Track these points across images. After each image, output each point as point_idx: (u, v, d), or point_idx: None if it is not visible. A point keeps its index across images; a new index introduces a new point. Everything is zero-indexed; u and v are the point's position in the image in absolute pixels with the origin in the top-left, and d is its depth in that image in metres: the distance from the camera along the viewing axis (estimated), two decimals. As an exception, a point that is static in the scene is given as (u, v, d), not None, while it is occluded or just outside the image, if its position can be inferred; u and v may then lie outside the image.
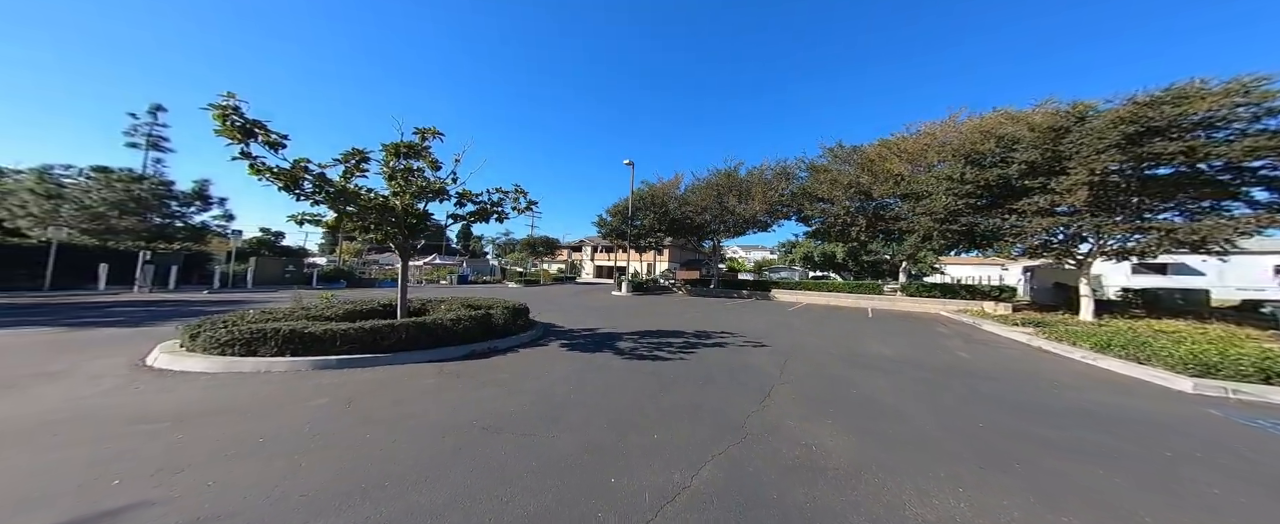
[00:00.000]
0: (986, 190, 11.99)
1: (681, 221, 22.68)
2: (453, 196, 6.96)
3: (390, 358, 4.85)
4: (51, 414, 2.86)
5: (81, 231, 18.81)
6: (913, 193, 14.32)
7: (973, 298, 15.82)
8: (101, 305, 10.85)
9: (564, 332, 8.36)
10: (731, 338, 8.17)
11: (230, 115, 4.18)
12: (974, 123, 13.45)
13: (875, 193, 16.01)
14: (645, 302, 17.31)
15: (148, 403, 3.12)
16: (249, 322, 4.47)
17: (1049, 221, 10.91)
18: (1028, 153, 10.93)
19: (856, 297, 18.00)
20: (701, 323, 10.48)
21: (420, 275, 29.68)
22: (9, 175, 20.16)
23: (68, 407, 3.03)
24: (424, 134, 6.22)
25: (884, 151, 15.80)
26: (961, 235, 13.60)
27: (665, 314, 12.45)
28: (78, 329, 6.92)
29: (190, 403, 3.17)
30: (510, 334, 6.74)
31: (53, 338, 6.06)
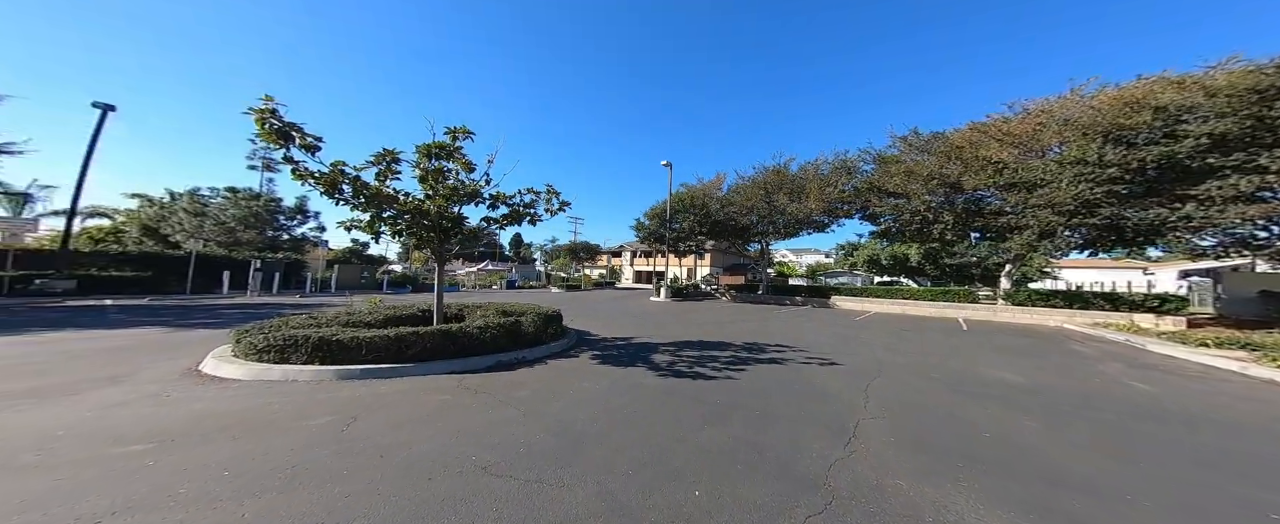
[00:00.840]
0: (1138, 174, 9.50)
1: (724, 223, 21.35)
2: (486, 199, 6.76)
3: (413, 368, 4.57)
4: (58, 429, 2.78)
5: (217, 243, 22.77)
6: (1021, 182, 11.84)
7: (1113, 308, 12.75)
8: (215, 307, 12.50)
9: (597, 341, 7.78)
10: (790, 353, 7.01)
11: (268, 119, 4.20)
12: (1112, 94, 10.87)
13: (966, 185, 13.56)
14: (685, 308, 16.34)
15: (155, 418, 2.99)
16: (285, 328, 4.45)
17: (1258, 210, 8.25)
18: (1212, 124, 8.50)
19: (941, 305, 15.43)
20: (751, 333, 9.35)
21: (475, 280, 31.38)
22: (178, 199, 25.08)
23: (83, 419, 2.97)
24: (455, 134, 6.07)
25: (977, 136, 13.36)
26: (1102, 231, 10.89)
27: (708, 322, 11.43)
28: (183, 330, 7.77)
29: (194, 419, 3.00)
30: (540, 343, 6.29)
31: (156, 338, 6.76)
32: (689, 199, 21.78)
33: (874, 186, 16.28)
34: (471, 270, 35.15)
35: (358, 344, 4.39)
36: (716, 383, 4.77)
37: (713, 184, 22.41)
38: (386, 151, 5.29)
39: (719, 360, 6.15)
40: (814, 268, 40.64)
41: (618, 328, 9.71)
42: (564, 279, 32.43)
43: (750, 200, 19.37)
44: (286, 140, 4.41)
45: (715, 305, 18.32)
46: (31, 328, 7.56)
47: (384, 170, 5.45)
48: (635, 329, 9.58)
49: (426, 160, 5.85)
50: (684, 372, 5.31)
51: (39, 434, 2.62)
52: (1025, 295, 14.42)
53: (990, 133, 13.03)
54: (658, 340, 7.96)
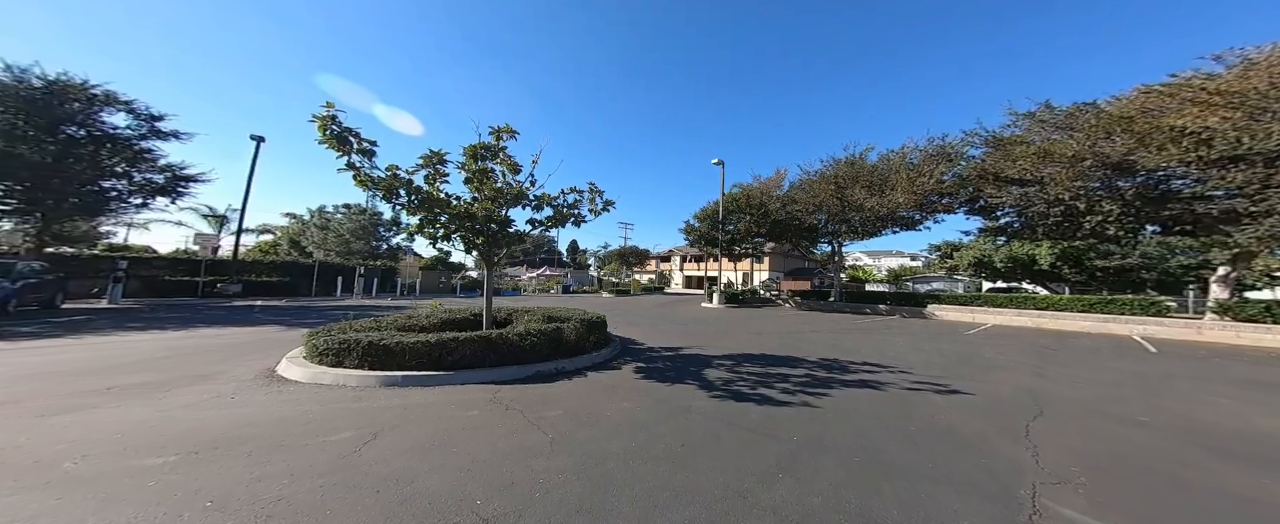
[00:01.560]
0: None
1: (786, 224, 19.36)
2: (531, 201, 6.61)
3: (452, 377, 4.40)
4: (117, 431, 2.87)
5: (335, 253, 27.58)
6: (1254, 154, 8.55)
7: None
8: (325, 308, 14.65)
9: (642, 351, 7.15)
10: (887, 374, 5.66)
11: (329, 125, 4.40)
12: None
13: (1142, 164, 10.23)
14: (742, 315, 14.95)
15: (203, 425, 3.05)
16: (343, 333, 4.60)
17: None
18: None
19: (1098, 318, 11.98)
20: (827, 347, 7.94)
21: (536, 285, 33.16)
22: (312, 216, 31.16)
23: (145, 421, 3.09)
24: (499, 133, 5.98)
25: (1158, 102, 9.98)
26: None
27: (771, 332, 10.11)
28: (294, 328, 8.97)
29: (232, 427, 2.99)
30: (581, 352, 5.86)
31: (271, 335, 7.78)
32: (744, 199, 20.21)
33: (987, 174, 13.23)
34: (533, 275, 37.30)
35: (402, 349, 4.35)
36: (790, 412, 3.82)
37: (772, 181, 20.53)
38: (433, 153, 5.34)
39: (790, 380, 5.09)
40: (897, 272, 35.26)
41: (666, 336, 8.99)
42: (615, 284, 32.69)
43: (818, 197, 17.24)
44: (345, 145, 4.60)
45: (777, 313, 16.57)
46: (197, 323, 9.36)
47: (432, 173, 5.53)
48: (685, 338, 8.76)
49: (473, 162, 5.83)
50: (745, 393, 4.42)
51: (98, 437, 2.74)
52: (1260, 309, 10.23)
53: (1183, 95, 9.59)
54: (711, 352, 7.07)
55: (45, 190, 12.39)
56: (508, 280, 34.66)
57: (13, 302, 9.99)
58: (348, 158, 4.89)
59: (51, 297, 11.83)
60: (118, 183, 14.17)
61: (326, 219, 29.14)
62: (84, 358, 5.22)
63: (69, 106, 12.25)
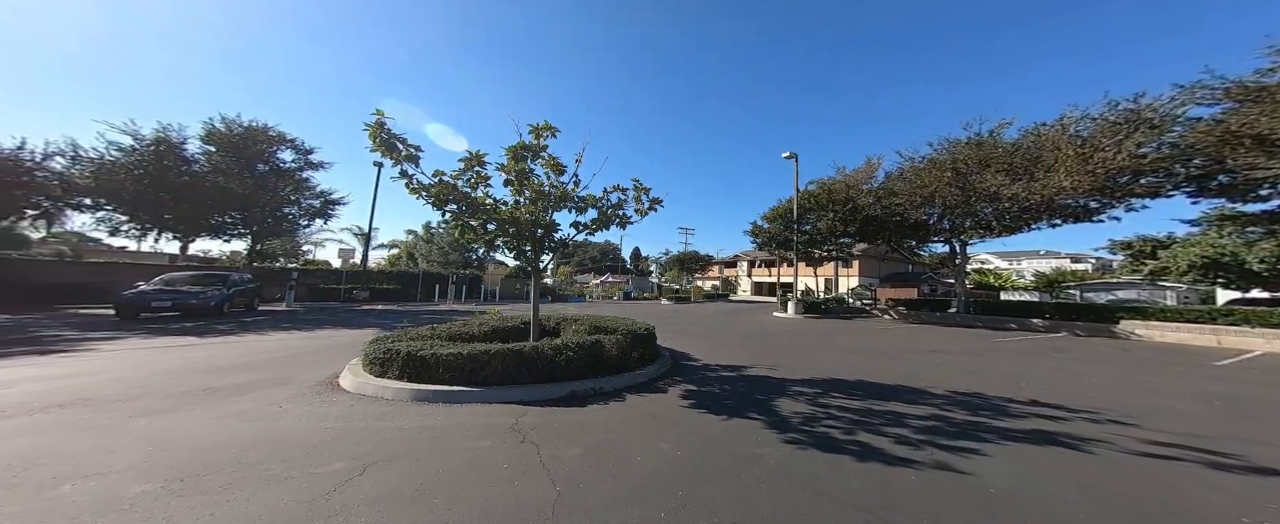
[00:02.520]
0: None
1: (882, 221, 16.14)
2: (574, 202, 6.23)
3: (481, 394, 4.10)
4: (151, 443, 2.85)
5: (437, 263, 32.38)
6: None
7: None
8: (419, 312, 16.66)
9: (697, 369, 6.16)
10: (1083, 424, 3.90)
11: (379, 132, 4.56)
12: None
13: None
14: (825, 328, 12.66)
15: (235, 439, 3.02)
16: (390, 342, 4.67)
17: None
18: None
19: None
20: (959, 375, 5.97)
21: (601, 292, 34.01)
22: (423, 231, 37.32)
23: (188, 434, 3.06)
24: (539, 131, 5.70)
25: None
26: None
27: (868, 350, 8.12)
28: (386, 332, 10.14)
29: (251, 447, 2.89)
30: (624, 370, 5.16)
31: (360, 339, 8.47)
32: (825, 194, 17.48)
33: (1237, 137, 9.00)
34: (598, 281, 38.43)
35: (437, 362, 4.20)
36: (919, 478, 2.61)
37: (862, 172, 17.40)
38: (473, 155, 5.24)
39: (909, 423, 3.68)
40: (1050, 277, 26.89)
41: (727, 351, 7.79)
42: (675, 291, 31.57)
43: (928, 187, 13.93)
44: (393, 151, 4.73)
45: (874, 326, 13.73)
46: (325, 325, 11.19)
47: (474, 177, 5.45)
48: (751, 355, 7.45)
49: (514, 163, 5.64)
50: (839, 440, 3.22)
51: (133, 452, 2.78)
52: None
53: None
54: (785, 374, 5.75)
55: (252, 218, 16.67)
56: (577, 286, 36.26)
57: (226, 304, 13.41)
58: (400, 166, 5.05)
59: (251, 300, 15.65)
60: (292, 209, 18.48)
61: (432, 234, 34.44)
62: (220, 355, 6.23)
63: (258, 147, 16.31)
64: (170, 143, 14.69)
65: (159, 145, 14.41)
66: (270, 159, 16.78)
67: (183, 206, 15.02)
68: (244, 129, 16.01)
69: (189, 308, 12.02)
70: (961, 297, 15.35)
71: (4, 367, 5.08)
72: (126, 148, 14.20)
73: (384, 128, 4.69)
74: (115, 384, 4.34)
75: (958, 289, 15.63)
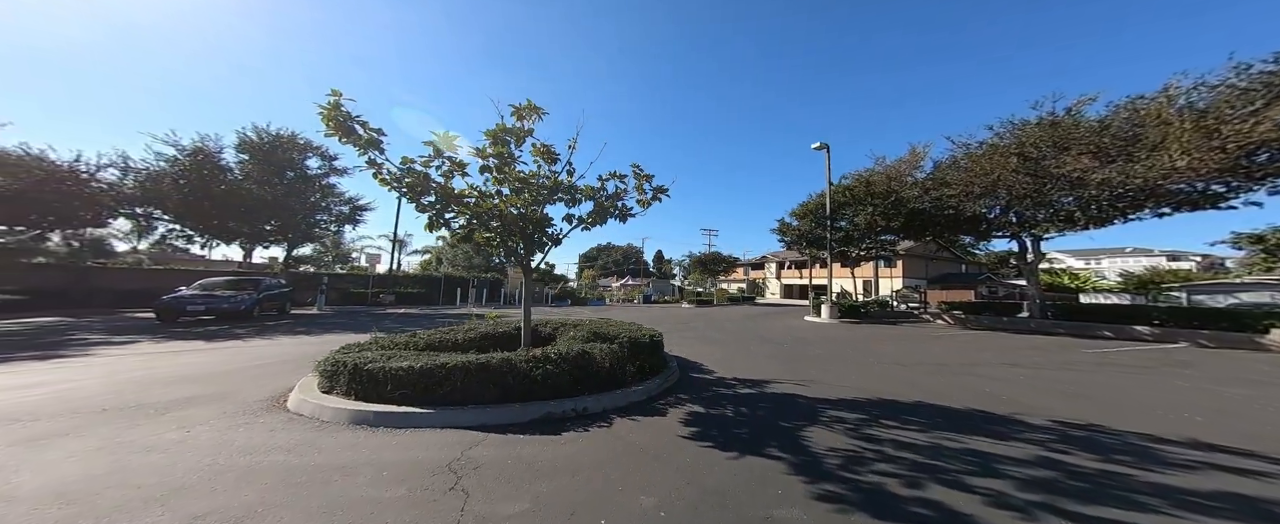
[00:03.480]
0: None
1: (931, 216, 14.28)
2: (566, 193, 5.51)
3: (431, 417, 3.40)
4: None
5: (462, 267, 33.17)
6: None
7: None
8: (434, 315, 16.70)
9: (708, 383, 5.19)
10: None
11: (335, 114, 4.03)
12: None
13: None
14: (866, 334, 11.16)
15: (98, 472, 2.46)
16: (346, 352, 4.08)
17: None
18: None
19: None
20: (1059, 397, 4.68)
21: (622, 295, 33.39)
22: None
23: (41, 470, 2.52)
24: (522, 112, 5.02)
25: None
26: None
27: (924, 363, 6.78)
28: (397, 332, 9.87)
29: (108, 487, 2.35)
30: (618, 385, 4.33)
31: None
32: (863, 187, 15.82)
33: None
34: (618, 284, 37.85)
35: (385, 377, 3.56)
36: None
37: (906, 162, 15.61)
38: (444, 137, 4.62)
39: (1005, 470, 2.64)
40: (1144, 278, 22.95)
41: (748, 362, 6.72)
42: (697, 294, 30.21)
43: (988, 175, 12.02)
44: (351, 135, 4.19)
45: (925, 332, 12.01)
46: (336, 329, 11.11)
47: (449, 165, 4.84)
48: (777, 366, 6.36)
49: (494, 148, 4.99)
50: (898, 497, 2.30)
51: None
52: None
53: None
54: (817, 393, 4.68)
55: (288, 225, 17.50)
56: (600, 290, 35.86)
57: (256, 308, 13.94)
58: (368, 155, 4.54)
59: (283, 304, 16.30)
60: (322, 215, 19.31)
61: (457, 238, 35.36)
62: (201, 363, 5.79)
63: (286, 155, 17.09)
64: (207, 152, 15.68)
65: (197, 155, 15.40)
66: (298, 166, 17.57)
67: (225, 214, 15.96)
68: (273, 137, 16.84)
69: (222, 312, 12.50)
70: (1037, 299, 13.08)
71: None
72: (169, 158, 15.27)
73: (340, 109, 4.18)
74: (56, 398, 3.96)
75: (1029, 291, 13.39)
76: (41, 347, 6.96)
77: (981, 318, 13.71)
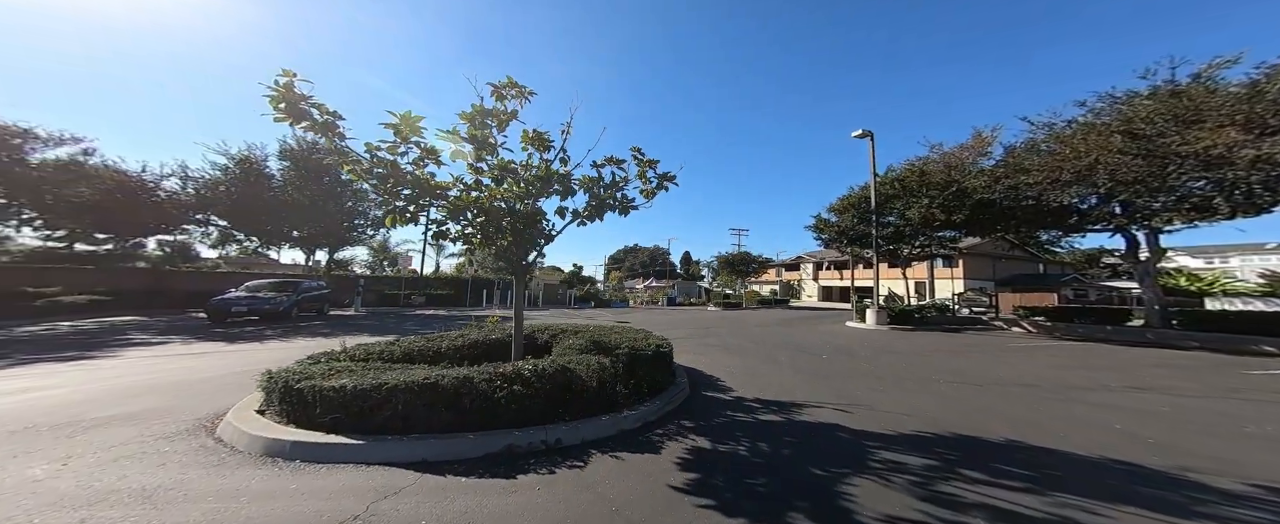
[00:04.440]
0: None
1: (1004, 208, 12.20)
2: (558, 185, 4.84)
3: (362, 448, 2.77)
4: None
5: (490, 269, 34.01)
6: None
7: None
8: (452, 317, 16.78)
9: (724, 405, 4.26)
10: None
11: (287, 96, 3.57)
12: None
13: None
14: (925, 345, 9.55)
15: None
16: (289, 369, 3.43)
17: None
18: None
19: None
20: (1251, 444, 3.14)
21: (647, 296, 32.59)
22: None
23: None
24: (503, 91, 4.39)
25: None
26: None
27: (1010, 384, 5.36)
28: (397, 336, 9.61)
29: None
30: (607, 408, 3.54)
31: None
32: (916, 179, 13.96)
33: None
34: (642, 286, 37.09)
35: (314, 398, 2.98)
36: None
37: (969, 148, 13.65)
38: (404, 118, 4.05)
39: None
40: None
41: (774, 377, 5.64)
42: (725, 296, 28.59)
43: (1085, 155, 9.95)
44: (303, 117, 3.70)
45: (999, 343, 10.14)
46: (355, 331, 11.30)
47: (422, 152, 4.29)
48: (810, 384, 5.26)
49: (473, 130, 4.38)
50: None
51: None
52: None
53: None
54: (863, 423, 3.63)
55: (326, 228, 18.54)
56: (625, 292, 35.32)
57: (294, 309, 14.70)
58: (337, 147, 4.10)
59: (322, 305, 17.18)
60: (359, 220, 20.33)
61: (483, 239, 36.34)
62: (191, 369, 5.56)
63: (322, 160, 18.02)
64: (253, 160, 16.90)
65: (244, 163, 16.63)
66: (333, 171, 18.55)
67: (274, 219, 17.15)
68: (310, 144, 17.85)
69: (263, 312, 13.20)
70: (1154, 304, 10.67)
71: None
72: (221, 166, 16.62)
73: (293, 91, 3.73)
74: (12, 410, 3.73)
75: (1146, 295, 10.91)
76: (79, 347, 7.34)
77: (1074, 326, 11.35)
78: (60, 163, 14.68)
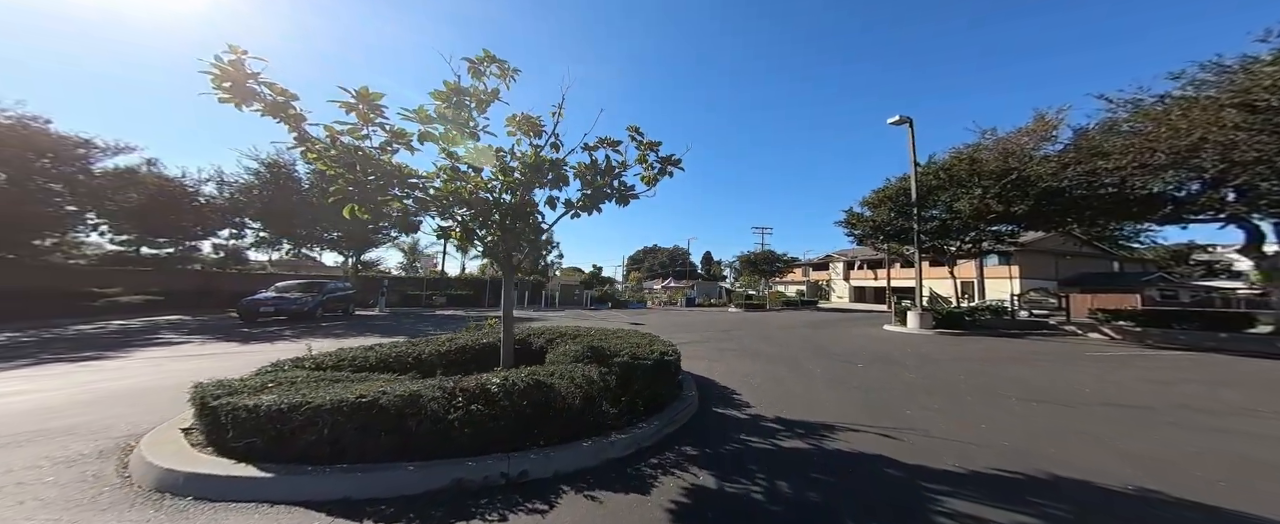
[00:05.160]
0: None
1: (1080, 196, 10.53)
2: (548, 173, 4.28)
3: (265, 484, 2.24)
4: None
5: None
6: None
7: None
8: (463, 317, 16.41)
9: (737, 426, 3.54)
10: None
11: (233, 74, 3.15)
12: None
13: None
14: (984, 353, 8.27)
15: None
16: (211, 384, 2.88)
17: None
18: None
19: None
20: None
21: (667, 296, 31.80)
22: None
23: None
24: (480, 68, 3.85)
25: None
26: None
27: (1104, 404, 4.24)
28: (408, 337, 9.36)
29: None
30: (593, 431, 2.91)
31: None
32: (965, 167, 12.38)
33: None
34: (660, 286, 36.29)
35: (229, 420, 2.47)
36: None
37: (1030, 132, 12.09)
38: (361, 94, 3.56)
39: None
40: None
41: (802, 391, 4.77)
42: (748, 297, 27.20)
43: (1186, 133, 8.36)
44: (252, 97, 3.28)
45: (1077, 351, 8.73)
46: (367, 332, 11.25)
47: (390, 135, 3.80)
48: (848, 400, 4.38)
49: (445, 110, 3.86)
50: None
51: None
52: None
53: None
54: (921, 456, 2.78)
55: (351, 231, 19.12)
56: (643, 292, 34.70)
57: (319, 309, 15.12)
58: (298, 132, 3.70)
59: (347, 306, 17.72)
60: (384, 223, 20.84)
61: (503, 238, 36.99)
62: (190, 370, 5.40)
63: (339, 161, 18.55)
64: (282, 164, 17.61)
65: (273, 167, 17.34)
66: None
67: (301, 222, 17.84)
68: (328, 145, 18.44)
69: (289, 312, 13.60)
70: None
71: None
72: (253, 170, 17.41)
73: (240, 69, 3.30)
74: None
75: (1277, 297, 8.91)
76: (106, 346, 7.49)
77: (1173, 332, 9.48)
78: (118, 171, 15.87)
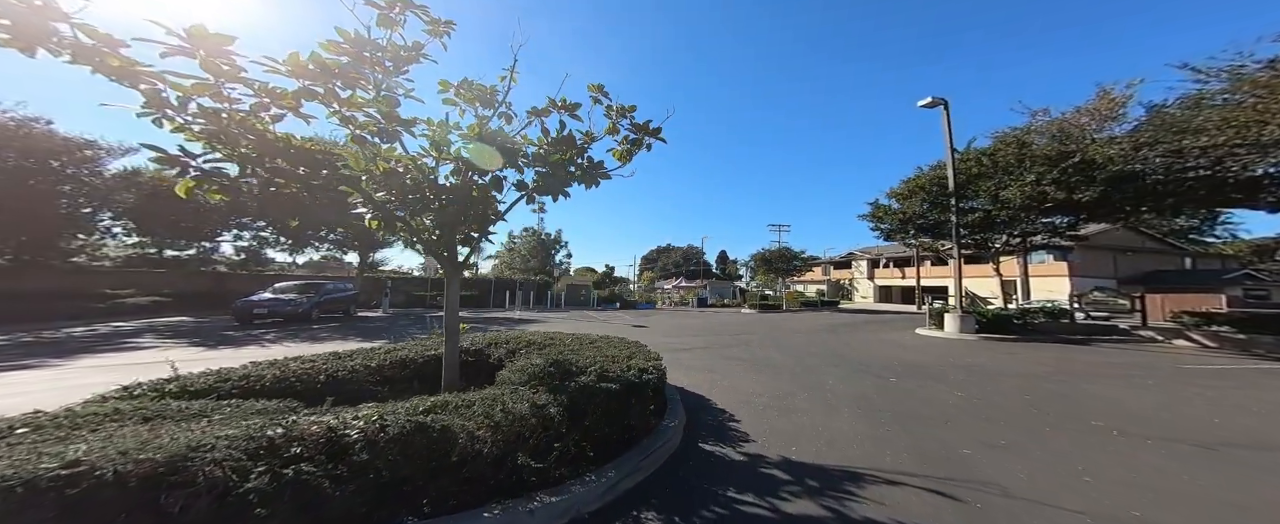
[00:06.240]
0: None
1: (1157, 182, 9.03)
2: (493, 144, 3.45)
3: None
4: None
5: (516, 270, 34.27)
6: None
7: None
8: (471, 319, 16.22)
9: (729, 473, 2.55)
10: None
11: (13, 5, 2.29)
12: None
13: None
14: (1047, 364, 6.93)
15: None
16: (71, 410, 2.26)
17: None
18: None
19: None
20: None
21: (677, 296, 30.78)
22: (509, 239, 40.76)
23: None
24: (391, 16, 3.00)
25: None
26: None
27: (1255, 445, 2.90)
28: (393, 340, 8.86)
29: None
30: (508, 492, 1.96)
31: None
32: (1013, 151, 10.91)
33: None
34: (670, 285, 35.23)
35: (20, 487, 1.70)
36: None
37: (1091, 111, 10.78)
38: (194, 32, 2.63)
39: None
40: None
41: (821, 417, 3.74)
42: (763, 297, 25.80)
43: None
44: (46, 42, 2.40)
45: (1166, 363, 7.43)
46: (347, 336, 10.82)
47: (264, 95, 2.93)
48: (878, 431, 3.34)
49: (338, 69, 3.00)
50: None
51: None
52: None
53: None
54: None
55: (361, 234, 19.01)
56: (655, 292, 33.76)
57: (315, 311, 14.87)
58: (146, 92, 2.83)
59: (348, 307, 17.53)
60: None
61: (513, 242, 36.91)
62: (100, 384, 5.08)
63: (330, 158, 18.42)
64: None
65: None
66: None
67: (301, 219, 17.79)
68: (327, 141, 18.34)
69: (284, 314, 13.36)
70: None
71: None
72: None
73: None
74: None
75: None
76: (54, 352, 7.06)
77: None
78: (125, 172, 16.09)
